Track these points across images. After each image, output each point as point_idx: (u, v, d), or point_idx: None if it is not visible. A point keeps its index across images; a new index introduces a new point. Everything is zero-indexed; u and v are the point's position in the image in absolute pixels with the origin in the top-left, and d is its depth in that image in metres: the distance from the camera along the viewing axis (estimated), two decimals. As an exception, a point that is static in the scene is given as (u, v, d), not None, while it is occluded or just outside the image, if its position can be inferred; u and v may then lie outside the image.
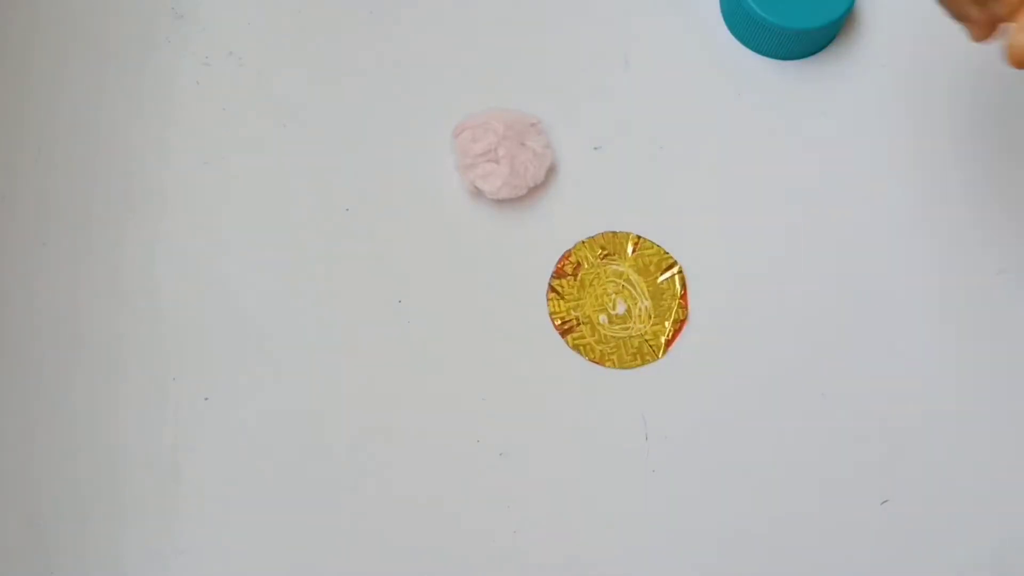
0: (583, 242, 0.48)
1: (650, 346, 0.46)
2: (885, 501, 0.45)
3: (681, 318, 0.46)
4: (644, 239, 0.47)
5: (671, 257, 0.47)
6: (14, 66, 0.50)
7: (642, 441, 0.45)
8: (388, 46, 0.51)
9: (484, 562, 0.44)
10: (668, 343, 0.46)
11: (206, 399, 0.46)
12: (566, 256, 0.48)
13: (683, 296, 0.47)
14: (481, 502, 0.45)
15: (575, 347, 0.46)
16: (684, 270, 0.47)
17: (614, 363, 0.46)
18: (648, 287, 0.47)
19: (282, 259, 0.48)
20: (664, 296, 0.47)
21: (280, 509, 0.45)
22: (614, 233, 0.48)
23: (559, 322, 0.47)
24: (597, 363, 0.46)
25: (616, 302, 0.47)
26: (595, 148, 0.50)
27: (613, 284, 0.47)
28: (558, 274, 0.47)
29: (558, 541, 0.44)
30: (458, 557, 0.44)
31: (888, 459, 0.45)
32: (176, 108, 0.50)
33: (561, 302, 0.47)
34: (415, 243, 0.48)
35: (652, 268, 0.47)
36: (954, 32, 0.40)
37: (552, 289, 0.47)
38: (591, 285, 0.47)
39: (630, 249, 0.47)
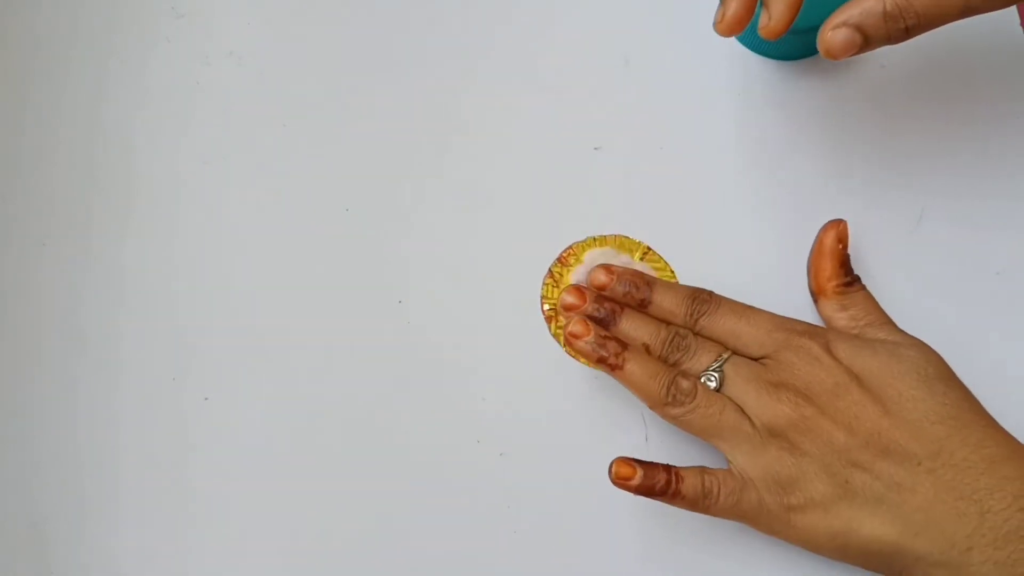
0: (594, 238, 0.48)
1: None
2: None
3: None
4: (653, 251, 0.47)
5: (675, 276, 0.47)
6: (14, 65, 0.50)
7: (642, 442, 0.45)
8: (389, 45, 0.51)
9: (484, 562, 0.44)
10: None
11: (206, 399, 0.46)
12: (571, 249, 0.47)
13: None
14: (481, 502, 0.45)
15: (556, 335, 0.46)
16: (682, 276, 0.47)
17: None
18: None
19: (282, 259, 0.48)
20: None
21: (280, 509, 0.45)
22: (627, 237, 0.47)
23: (547, 307, 0.46)
24: (573, 355, 0.46)
25: None
26: (595, 148, 0.50)
27: None
28: (561, 262, 0.47)
29: (558, 541, 0.44)
30: (458, 557, 0.44)
31: (888, 459, 0.45)
32: (176, 108, 0.50)
33: (556, 289, 0.47)
34: (415, 243, 0.48)
35: None
36: (954, 32, 0.41)
37: (551, 275, 0.47)
38: None
39: (637, 257, 0.47)
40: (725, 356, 0.42)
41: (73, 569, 0.44)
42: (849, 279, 0.44)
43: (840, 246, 0.45)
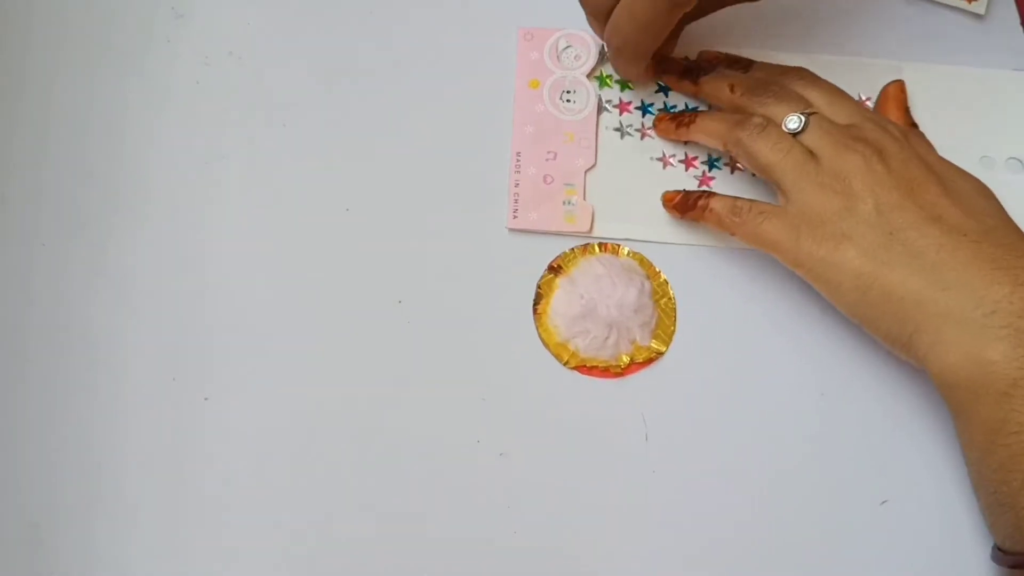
0: (584, 247, 0.48)
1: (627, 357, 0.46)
2: (884, 501, 0.45)
3: (645, 359, 0.46)
4: (647, 259, 0.47)
5: (671, 292, 0.47)
6: (12, 65, 0.50)
7: (642, 441, 0.45)
8: (389, 46, 0.51)
9: (484, 562, 0.44)
10: (632, 367, 0.46)
11: (206, 399, 0.46)
12: (564, 256, 0.48)
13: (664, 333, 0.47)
14: (481, 502, 0.45)
15: (541, 333, 0.46)
16: (677, 279, 0.47)
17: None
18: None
19: (282, 259, 0.48)
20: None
21: (280, 509, 0.45)
22: (617, 245, 0.48)
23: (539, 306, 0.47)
24: (555, 356, 0.46)
25: None
26: (595, 148, 0.50)
27: None
28: (552, 270, 0.47)
29: (558, 541, 0.44)
30: (458, 557, 0.44)
31: (888, 459, 0.45)
32: (175, 108, 0.50)
33: (550, 292, 0.47)
34: (415, 243, 0.48)
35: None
36: (954, 28, 0.41)
37: (550, 269, 0.47)
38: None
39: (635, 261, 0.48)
40: (813, 109, 0.44)
41: (73, 569, 0.44)
42: (912, 123, 0.47)
43: (902, 95, 0.47)
